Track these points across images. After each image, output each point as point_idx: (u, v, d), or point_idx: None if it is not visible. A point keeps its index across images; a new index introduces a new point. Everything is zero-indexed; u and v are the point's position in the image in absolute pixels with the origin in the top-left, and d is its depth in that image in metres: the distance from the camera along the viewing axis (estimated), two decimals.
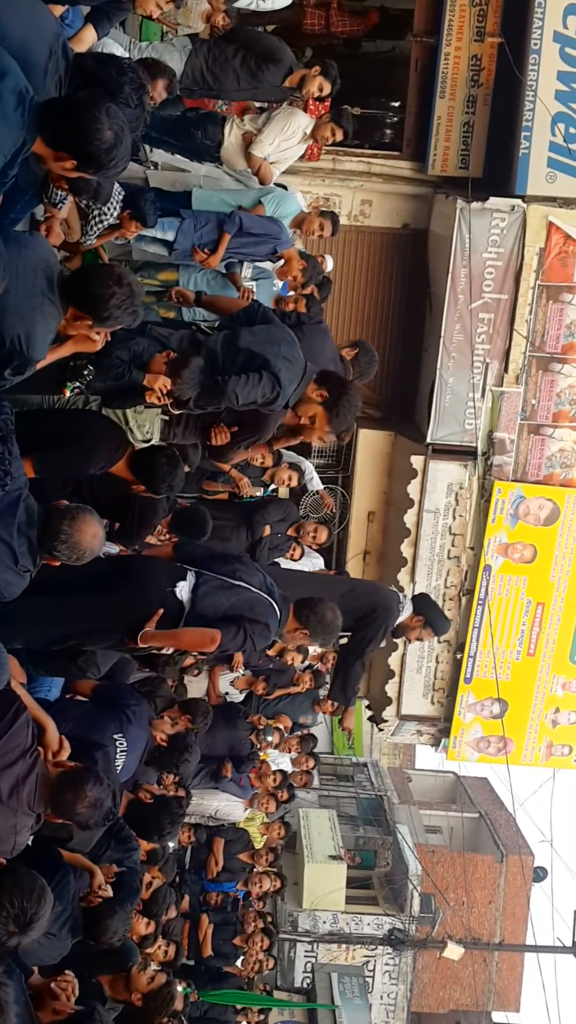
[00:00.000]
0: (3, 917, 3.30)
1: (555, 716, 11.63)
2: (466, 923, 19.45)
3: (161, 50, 6.38)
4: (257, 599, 4.84)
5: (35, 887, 3.42)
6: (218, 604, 4.74)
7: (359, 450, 11.81)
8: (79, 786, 3.85)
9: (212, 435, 4.99)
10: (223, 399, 4.64)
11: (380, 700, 11.88)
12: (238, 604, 4.77)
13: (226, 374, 4.65)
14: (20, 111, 3.19)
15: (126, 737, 5.39)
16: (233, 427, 4.95)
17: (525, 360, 10.83)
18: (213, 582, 4.78)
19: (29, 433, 4.18)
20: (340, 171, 11.28)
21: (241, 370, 4.65)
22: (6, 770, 3.69)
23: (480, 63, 10.84)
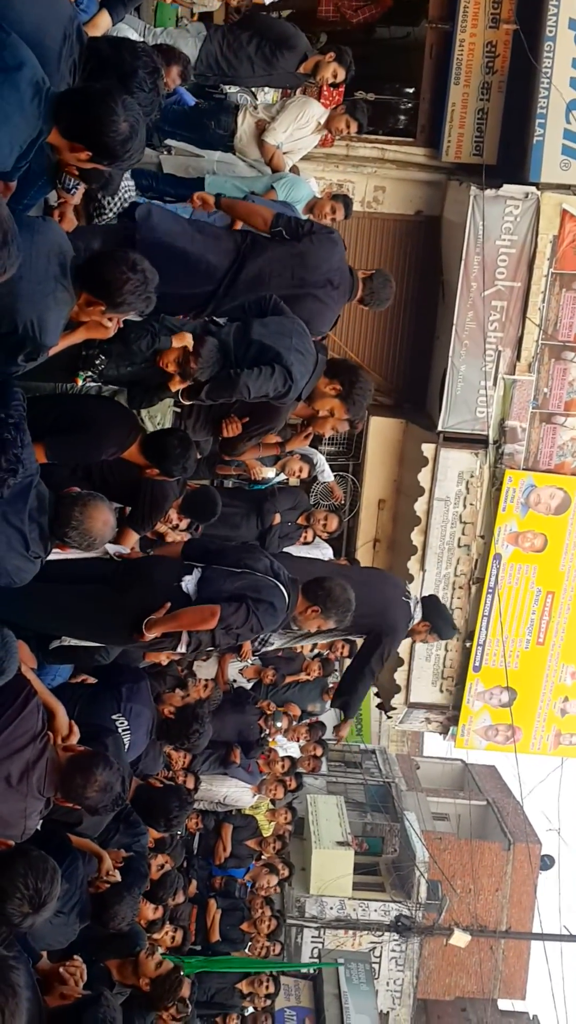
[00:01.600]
0: (17, 898, 3.33)
1: (564, 705, 11.63)
2: (473, 910, 19.52)
3: (176, 36, 6.35)
4: (263, 581, 4.84)
5: (47, 868, 3.45)
6: (222, 588, 4.75)
7: (370, 438, 11.80)
8: (89, 770, 3.88)
9: (224, 427, 4.98)
10: (235, 392, 4.63)
11: (389, 688, 11.89)
12: (243, 586, 4.77)
13: (238, 366, 4.64)
14: (36, 101, 3.19)
15: (126, 716, 5.38)
16: (244, 418, 4.94)
17: (538, 348, 10.79)
18: (220, 572, 4.79)
19: (41, 419, 4.19)
20: (354, 157, 11.24)
21: (253, 363, 4.64)
22: (16, 754, 3.71)
23: (495, 50, 10.77)
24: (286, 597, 4.92)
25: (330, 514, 8.88)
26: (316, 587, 5.08)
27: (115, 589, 4.83)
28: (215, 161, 7.56)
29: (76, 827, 4.71)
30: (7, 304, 3.36)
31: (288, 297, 5.11)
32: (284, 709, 9.56)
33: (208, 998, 9.15)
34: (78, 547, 3.77)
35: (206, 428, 5.15)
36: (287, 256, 5.25)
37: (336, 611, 5.09)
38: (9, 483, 3.47)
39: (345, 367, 5.38)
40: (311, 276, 5.32)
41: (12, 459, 3.46)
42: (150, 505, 5.09)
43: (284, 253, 5.23)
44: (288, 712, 9.61)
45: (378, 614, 6.62)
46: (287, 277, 5.26)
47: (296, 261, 5.28)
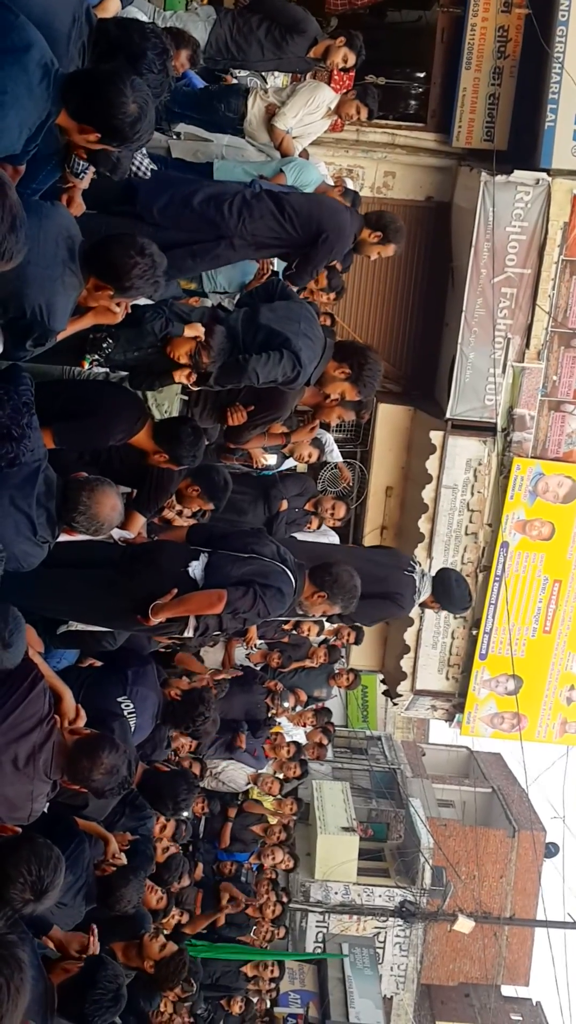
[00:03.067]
0: (20, 885, 3.34)
1: (570, 693, 11.64)
2: (477, 897, 19.57)
3: (185, 19, 6.32)
4: (270, 567, 4.84)
5: (51, 856, 3.46)
6: (229, 573, 4.75)
7: (378, 425, 11.79)
8: (95, 753, 3.89)
9: (229, 415, 4.98)
10: (244, 377, 4.63)
11: (395, 674, 11.91)
12: (250, 572, 4.77)
13: (247, 352, 4.63)
14: (45, 83, 3.18)
15: (132, 699, 5.39)
16: (250, 407, 4.94)
17: (547, 336, 10.76)
18: (226, 558, 4.79)
19: (48, 404, 4.19)
20: (364, 142, 11.20)
21: (262, 348, 4.64)
22: (23, 738, 3.72)
23: (507, 34, 10.71)
24: (293, 582, 4.93)
25: (338, 501, 8.87)
26: (323, 572, 5.08)
27: (122, 574, 4.84)
28: (224, 145, 7.52)
29: (82, 810, 4.73)
30: (15, 289, 3.36)
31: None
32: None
33: (213, 981, 9.21)
34: (85, 532, 3.78)
35: (213, 416, 5.15)
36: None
37: (343, 596, 5.10)
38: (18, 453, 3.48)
39: (353, 349, 5.39)
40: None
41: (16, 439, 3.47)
42: (156, 488, 5.10)
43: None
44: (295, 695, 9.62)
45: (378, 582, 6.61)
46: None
47: None
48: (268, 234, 5.38)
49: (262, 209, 5.32)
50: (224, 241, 5.24)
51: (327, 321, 9.30)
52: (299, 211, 5.46)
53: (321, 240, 5.39)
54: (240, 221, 5.26)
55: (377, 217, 6.12)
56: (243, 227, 5.26)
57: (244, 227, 5.27)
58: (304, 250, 5.47)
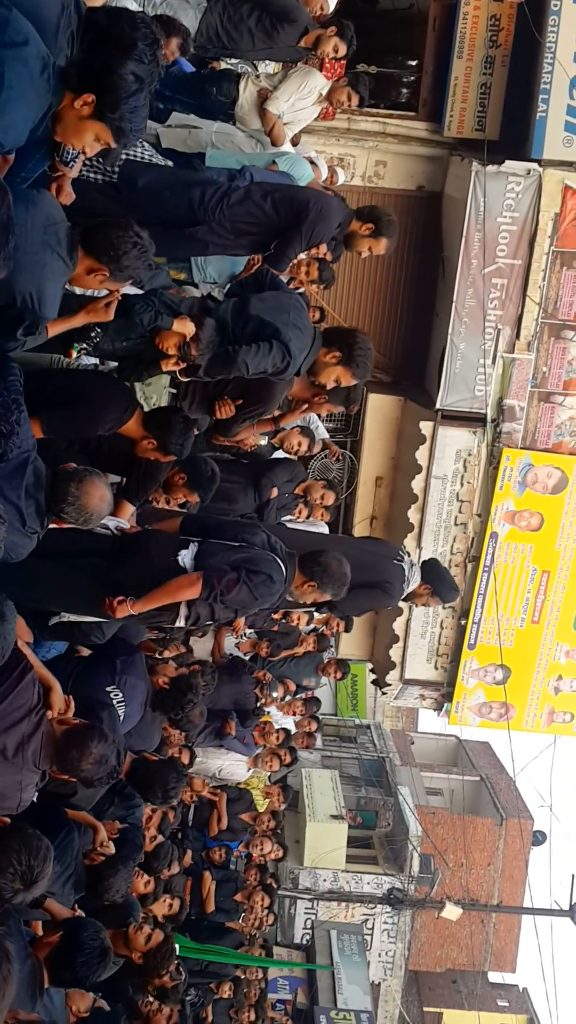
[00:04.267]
0: (10, 873, 3.37)
1: (557, 683, 11.69)
2: (465, 884, 19.67)
3: (175, 7, 6.27)
4: (260, 555, 4.84)
5: (41, 846, 3.49)
6: (219, 561, 4.75)
7: (368, 415, 11.79)
8: (84, 743, 3.91)
9: (217, 409, 4.97)
10: (233, 368, 4.62)
11: (384, 664, 11.94)
12: (240, 559, 4.77)
13: (236, 343, 4.63)
14: (46, 76, 3.20)
15: (120, 688, 5.39)
16: (238, 400, 4.94)
17: (537, 327, 10.77)
18: (216, 547, 4.79)
19: (37, 393, 4.18)
20: (355, 131, 11.17)
21: (251, 339, 4.63)
22: (12, 728, 3.73)
23: (499, 23, 10.68)
24: (283, 571, 4.93)
25: (327, 489, 8.87)
26: (312, 561, 5.09)
27: (113, 564, 4.84)
28: (213, 132, 7.50)
29: (71, 799, 4.74)
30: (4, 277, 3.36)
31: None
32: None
33: (201, 968, 9.25)
34: (74, 522, 3.78)
35: (201, 409, 5.15)
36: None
37: (332, 584, 5.10)
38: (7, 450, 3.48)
39: (339, 333, 5.39)
40: None
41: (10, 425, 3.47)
42: (145, 477, 5.09)
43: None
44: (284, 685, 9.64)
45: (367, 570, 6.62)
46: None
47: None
48: (247, 218, 5.36)
49: (240, 193, 5.31)
50: (202, 226, 5.23)
51: (317, 313, 9.29)
52: (280, 192, 5.45)
53: (302, 218, 5.34)
54: (219, 205, 5.24)
55: (369, 209, 6.10)
56: (221, 211, 5.25)
57: (222, 211, 5.25)
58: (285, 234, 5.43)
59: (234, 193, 5.32)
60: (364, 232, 5.96)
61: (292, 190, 5.68)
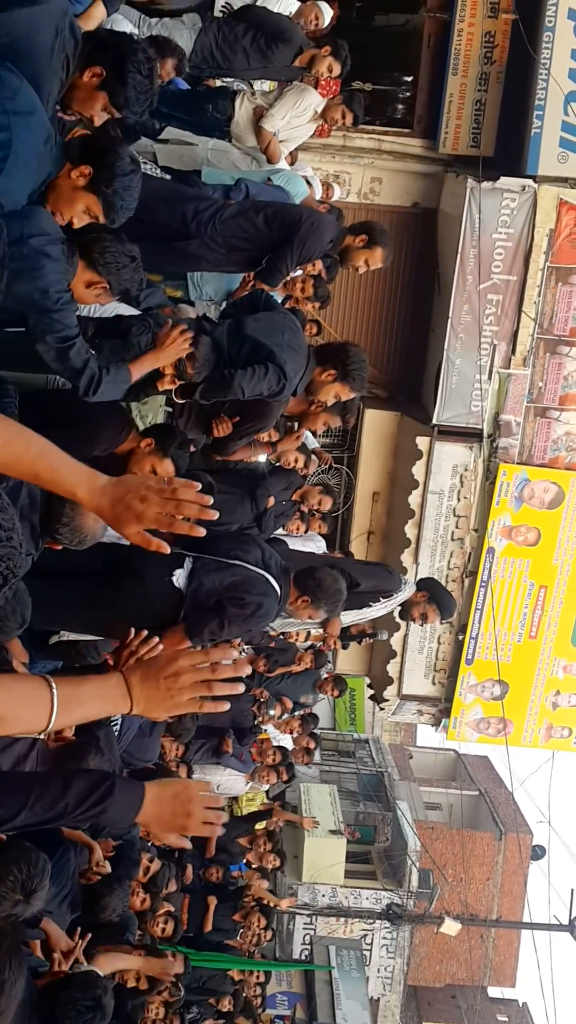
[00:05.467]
0: (10, 883, 3.38)
1: (555, 698, 11.68)
2: (464, 899, 19.60)
3: (171, 27, 6.31)
4: (252, 576, 4.82)
5: (39, 859, 3.50)
6: (213, 586, 4.73)
7: (365, 430, 11.81)
8: (80, 759, 3.92)
9: (214, 427, 4.98)
10: (229, 392, 4.63)
11: (382, 679, 11.93)
12: (232, 585, 4.75)
13: (232, 364, 4.64)
14: (48, 145, 3.36)
15: None
16: (235, 418, 4.94)
17: (533, 342, 10.80)
18: (209, 565, 4.78)
19: (33, 415, 4.18)
20: (350, 148, 11.22)
21: (247, 361, 4.64)
22: (7, 748, 3.73)
23: (494, 40, 10.73)
24: (277, 590, 4.92)
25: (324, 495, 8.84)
26: (306, 577, 5.08)
27: (108, 583, 4.83)
28: (209, 148, 7.53)
29: None
30: None
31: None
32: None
33: (199, 984, 9.21)
34: (69, 544, 3.78)
35: (198, 427, 5.15)
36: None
37: (326, 601, 5.08)
38: None
39: (332, 350, 5.40)
40: None
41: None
42: None
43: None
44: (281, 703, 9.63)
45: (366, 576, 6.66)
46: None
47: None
48: (240, 234, 5.37)
49: (233, 209, 5.34)
50: (195, 240, 5.25)
51: (314, 329, 9.30)
52: (273, 208, 5.46)
53: (294, 233, 5.36)
54: (212, 219, 5.27)
55: (361, 224, 6.13)
56: (213, 226, 5.27)
57: (215, 226, 5.28)
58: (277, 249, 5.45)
59: (227, 208, 5.34)
60: (358, 244, 5.97)
61: (284, 206, 5.69)
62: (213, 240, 5.23)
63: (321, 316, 10.02)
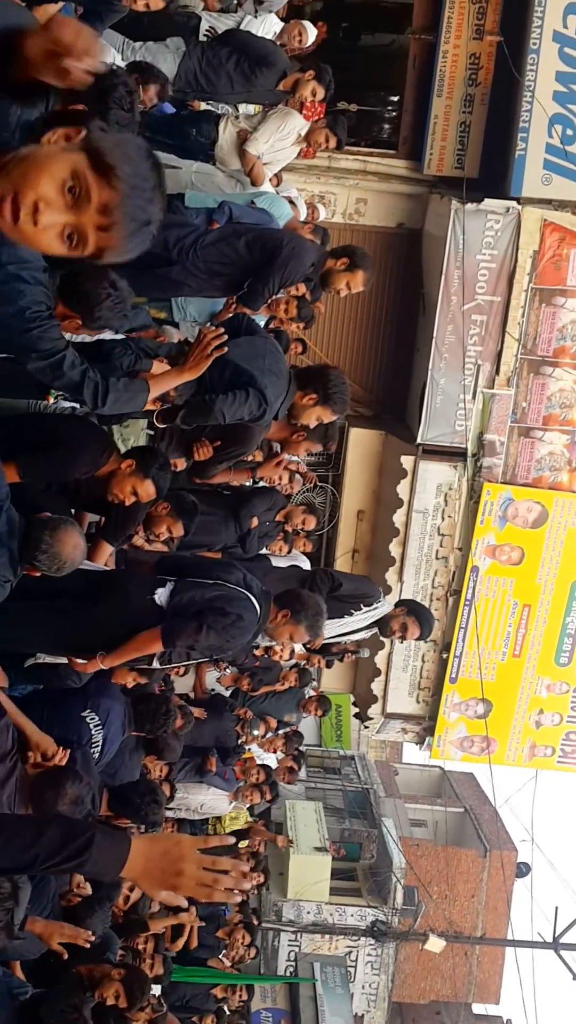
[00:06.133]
0: None
1: (539, 717, 11.70)
2: (448, 916, 19.58)
3: (155, 51, 6.35)
4: (232, 594, 4.85)
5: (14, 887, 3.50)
6: (194, 599, 4.76)
7: (350, 449, 11.85)
8: (59, 785, 3.92)
9: (195, 450, 5.00)
10: (210, 417, 4.66)
11: (366, 698, 11.93)
12: (214, 597, 4.78)
13: (213, 389, 4.66)
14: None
15: (96, 712, 5.36)
16: (216, 442, 4.96)
17: (517, 363, 10.86)
18: (191, 584, 4.81)
19: (13, 438, 4.21)
20: (335, 169, 11.28)
21: (228, 386, 4.66)
22: None
23: (478, 62, 10.81)
24: (257, 609, 4.94)
25: (308, 515, 8.87)
26: (287, 595, 5.13)
27: (89, 604, 4.85)
28: (193, 171, 7.56)
29: None
30: None
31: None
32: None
33: (183, 1003, 9.17)
34: (47, 571, 3.79)
35: (179, 451, 5.18)
36: None
37: (307, 617, 5.11)
38: None
39: (312, 374, 5.43)
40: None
41: None
42: (124, 516, 5.10)
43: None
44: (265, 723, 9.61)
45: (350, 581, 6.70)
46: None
47: None
48: (221, 259, 5.40)
49: (215, 235, 5.36)
50: (176, 266, 5.27)
51: (299, 348, 9.34)
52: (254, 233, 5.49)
53: (275, 257, 5.38)
54: (193, 245, 5.30)
55: (342, 247, 6.17)
56: (195, 252, 5.30)
57: (196, 252, 5.30)
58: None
59: (208, 234, 5.37)
60: (340, 267, 6.00)
61: (266, 231, 5.72)
62: (195, 266, 5.26)
63: (306, 336, 10.07)
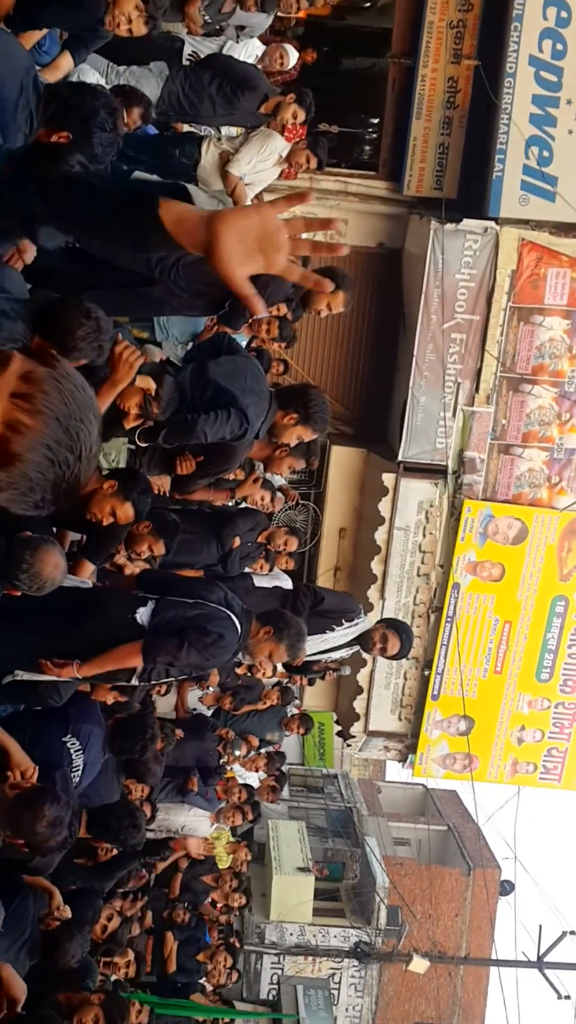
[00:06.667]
0: None
1: (520, 734, 11.71)
2: (432, 936, 19.51)
3: (139, 75, 6.41)
4: (213, 612, 4.86)
5: None
6: (176, 616, 4.76)
7: (331, 467, 11.89)
8: (38, 806, 3.90)
9: (178, 464, 5.01)
10: (192, 437, 4.67)
11: (348, 716, 11.92)
12: (194, 618, 4.79)
13: (195, 409, 4.68)
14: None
15: (76, 737, 5.35)
16: (199, 456, 4.98)
17: (496, 380, 10.94)
18: (173, 603, 4.82)
19: None
20: (317, 190, 11.35)
21: (210, 405, 4.68)
22: None
23: (456, 85, 10.95)
24: (238, 628, 4.95)
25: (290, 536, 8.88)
26: (272, 614, 5.15)
27: (70, 622, 4.84)
28: None
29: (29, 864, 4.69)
30: None
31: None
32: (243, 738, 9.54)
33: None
34: (28, 590, 3.79)
35: (160, 466, 5.18)
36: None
37: (288, 637, 5.11)
38: None
39: (293, 393, 5.46)
40: None
41: None
42: (105, 535, 5.10)
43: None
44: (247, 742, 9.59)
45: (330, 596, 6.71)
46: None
47: None
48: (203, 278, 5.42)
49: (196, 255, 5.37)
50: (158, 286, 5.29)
51: (280, 367, 9.38)
52: None
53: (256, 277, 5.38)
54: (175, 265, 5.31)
55: (323, 268, 6.21)
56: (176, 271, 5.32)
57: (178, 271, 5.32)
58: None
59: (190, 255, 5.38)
60: None
61: None
62: (176, 285, 5.27)
63: (288, 355, 10.11)
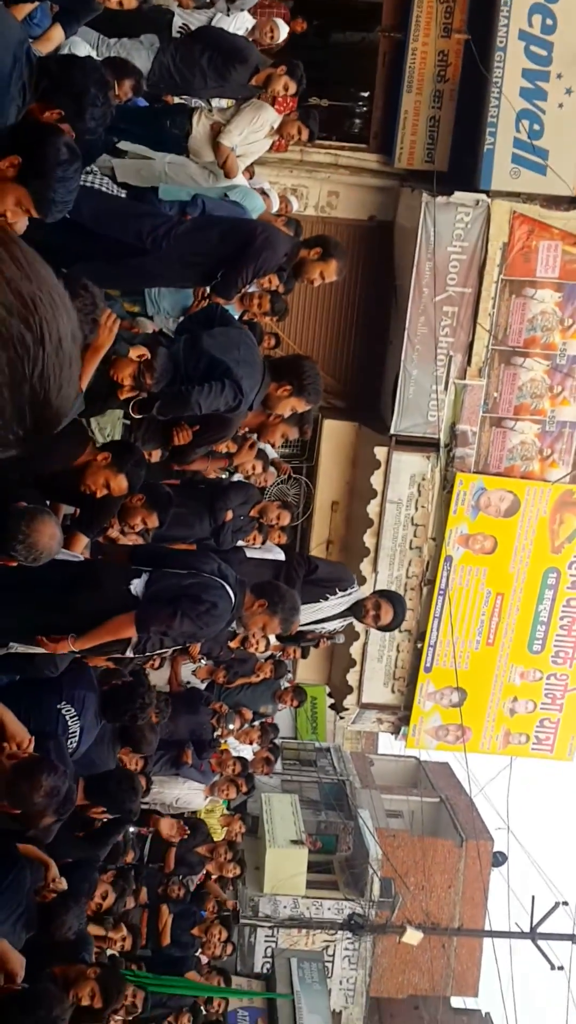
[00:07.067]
0: None
1: (513, 705, 11.80)
2: (425, 908, 19.67)
3: (129, 48, 6.36)
4: (208, 582, 4.88)
5: None
6: (170, 585, 4.78)
7: (323, 440, 11.89)
8: (34, 776, 3.92)
9: (174, 434, 5.02)
10: (187, 408, 4.68)
11: (341, 688, 11.99)
12: (188, 587, 4.81)
13: (189, 380, 4.68)
14: None
15: (71, 703, 5.37)
16: (195, 427, 4.99)
17: (488, 353, 10.94)
18: (167, 574, 4.84)
19: None
20: (308, 162, 11.32)
21: (203, 376, 4.69)
22: None
23: (447, 59, 10.90)
24: (232, 598, 4.97)
25: (282, 510, 8.89)
26: (263, 585, 5.18)
27: (65, 594, 4.86)
28: (166, 163, 7.57)
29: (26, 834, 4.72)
30: None
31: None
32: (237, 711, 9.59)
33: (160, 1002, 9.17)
34: (24, 561, 3.80)
35: (156, 438, 5.19)
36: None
37: (282, 611, 5.14)
38: None
39: (287, 365, 5.47)
40: None
41: None
42: (99, 505, 5.11)
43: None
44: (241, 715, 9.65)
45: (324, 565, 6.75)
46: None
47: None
48: (194, 249, 5.42)
49: (188, 225, 5.37)
50: (150, 257, 5.28)
51: (272, 341, 9.37)
52: (227, 223, 5.52)
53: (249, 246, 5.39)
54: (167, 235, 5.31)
55: (315, 237, 6.21)
56: (168, 242, 5.31)
57: (170, 242, 5.32)
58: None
59: (182, 225, 5.38)
60: (313, 257, 6.02)
61: (239, 220, 5.75)
62: (168, 256, 5.27)
63: (280, 328, 10.10)
